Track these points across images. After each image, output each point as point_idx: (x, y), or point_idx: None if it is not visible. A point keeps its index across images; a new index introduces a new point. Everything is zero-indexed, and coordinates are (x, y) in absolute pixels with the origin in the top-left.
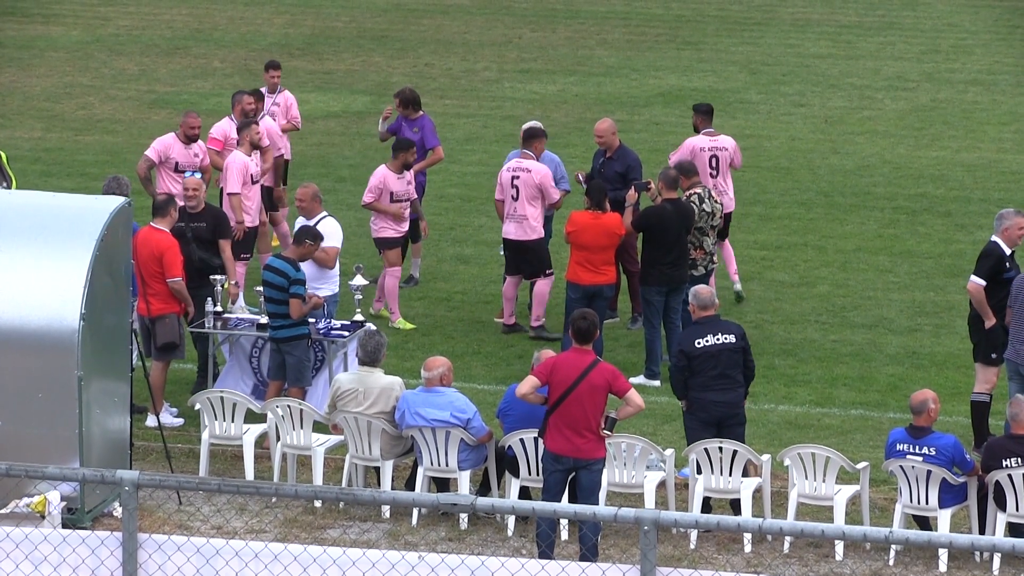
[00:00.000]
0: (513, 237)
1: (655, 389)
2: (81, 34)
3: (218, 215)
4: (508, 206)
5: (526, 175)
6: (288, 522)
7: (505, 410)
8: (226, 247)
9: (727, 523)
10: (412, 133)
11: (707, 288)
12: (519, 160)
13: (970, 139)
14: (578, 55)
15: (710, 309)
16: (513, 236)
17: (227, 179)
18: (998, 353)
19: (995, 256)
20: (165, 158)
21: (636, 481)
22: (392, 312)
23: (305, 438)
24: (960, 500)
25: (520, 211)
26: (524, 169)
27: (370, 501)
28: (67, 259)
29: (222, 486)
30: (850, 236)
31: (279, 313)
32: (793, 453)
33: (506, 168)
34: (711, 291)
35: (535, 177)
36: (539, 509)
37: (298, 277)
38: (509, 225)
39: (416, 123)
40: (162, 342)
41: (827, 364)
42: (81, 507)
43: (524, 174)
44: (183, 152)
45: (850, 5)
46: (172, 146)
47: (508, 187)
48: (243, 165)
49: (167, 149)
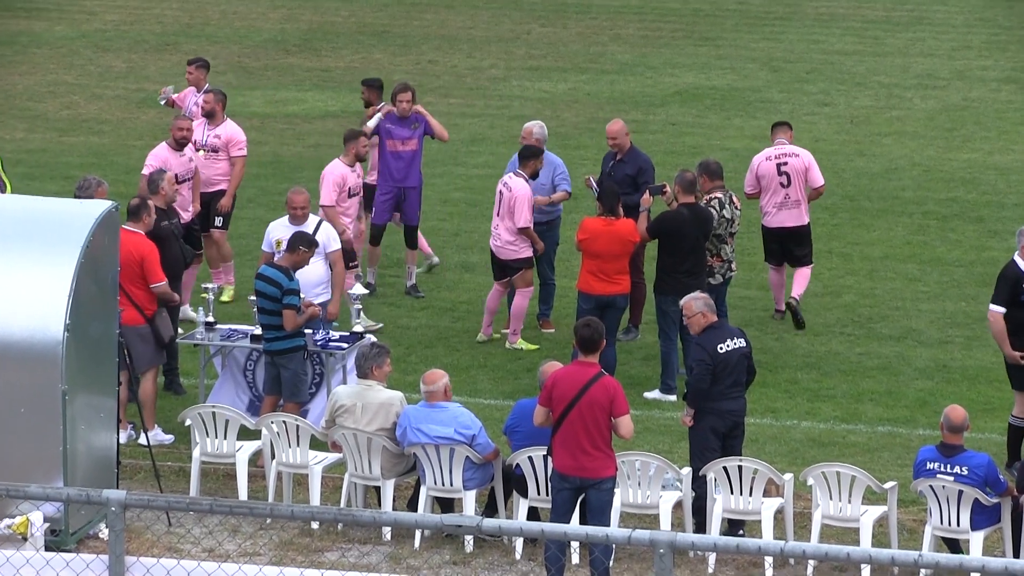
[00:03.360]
0: (494, 252)
1: (671, 404)
2: (66, 29)
3: (176, 209)
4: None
5: (507, 193)
6: (284, 545)
7: (513, 426)
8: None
9: (747, 546)
10: (411, 130)
11: (702, 293)
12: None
13: (1004, 140)
14: (590, 52)
15: (715, 314)
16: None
17: (320, 190)
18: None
19: (1012, 279)
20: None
21: (651, 501)
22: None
23: (302, 456)
24: (993, 521)
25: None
26: (507, 186)
27: (370, 522)
28: (51, 266)
29: (214, 506)
30: (877, 243)
31: (272, 324)
32: (817, 472)
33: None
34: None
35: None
36: (548, 531)
37: (291, 287)
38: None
39: (413, 118)
40: (168, 336)
41: (853, 378)
42: (65, 528)
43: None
44: (179, 162)
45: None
46: (167, 159)
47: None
48: (340, 176)
49: (163, 163)
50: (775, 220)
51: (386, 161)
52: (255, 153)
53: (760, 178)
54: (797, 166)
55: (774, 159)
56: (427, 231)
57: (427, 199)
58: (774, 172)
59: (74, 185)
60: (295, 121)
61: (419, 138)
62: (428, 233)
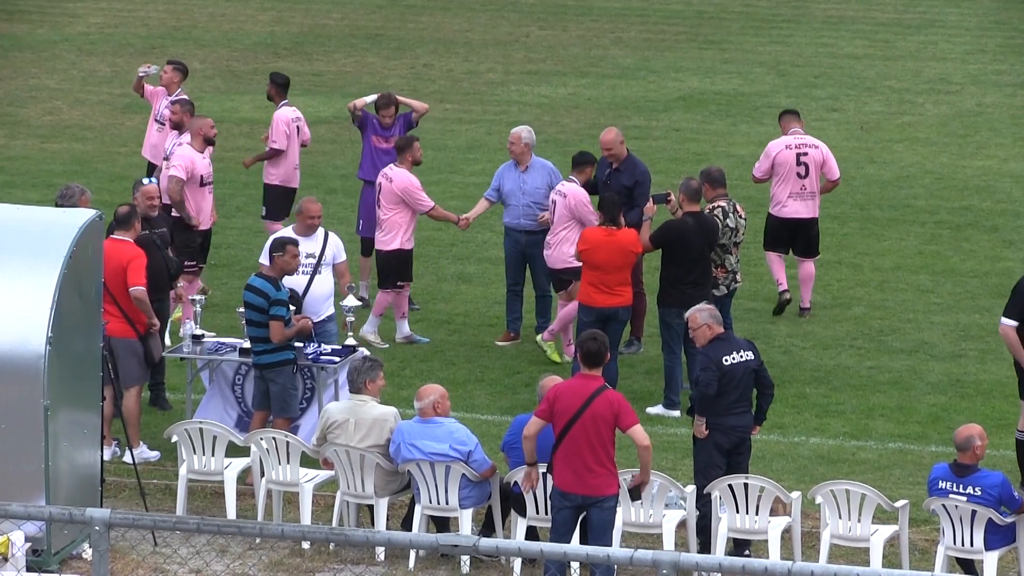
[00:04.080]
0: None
1: (674, 420)
2: (48, 32)
3: (168, 217)
4: (553, 231)
5: (563, 200)
6: (274, 565)
7: (511, 443)
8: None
9: (753, 566)
10: (390, 135)
11: (708, 305)
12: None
13: (1019, 147)
14: (591, 55)
15: (722, 325)
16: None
17: (421, 197)
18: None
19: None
20: (191, 174)
21: (654, 520)
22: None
23: (292, 473)
24: (1008, 541)
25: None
26: (561, 193)
27: (363, 542)
28: (33, 277)
29: (201, 526)
30: (888, 253)
31: (260, 337)
32: (826, 490)
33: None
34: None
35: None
36: (548, 551)
37: (279, 297)
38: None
39: (396, 126)
40: (158, 356)
41: (863, 393)
42: (47, 548)
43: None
44: (204, 164)
45: (888, 1)
46: (196, 160)
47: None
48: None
49: (193, 164)
50: (789, 210)
51: (370, 156)
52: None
53: (777, 166)
54: (816, 157)
55: (794, 148)
56: (422, 241)
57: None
58: (793, 162)
59: (55, 194)
60: None
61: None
62: (423, 243)
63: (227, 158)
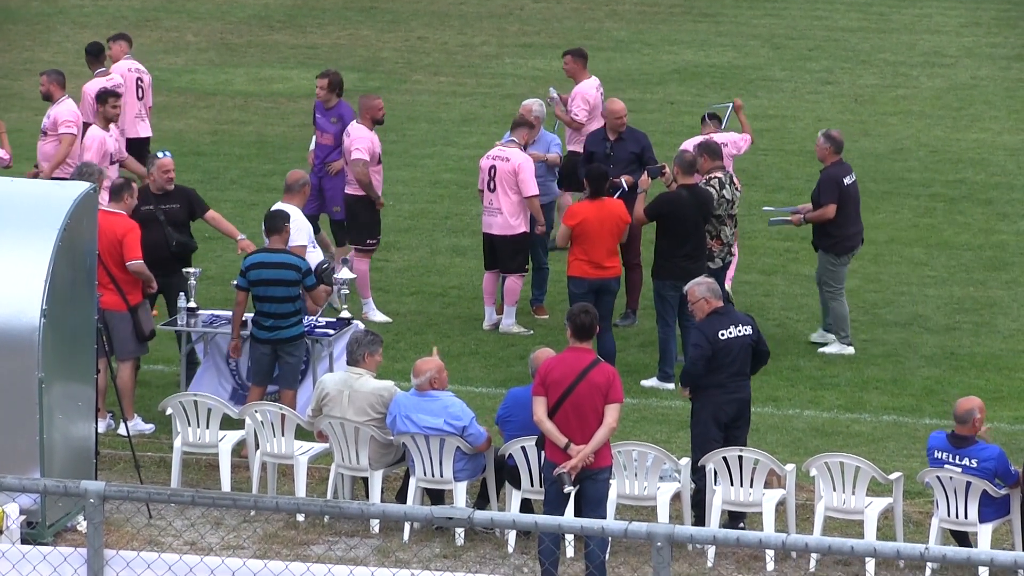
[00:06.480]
0: (488, 231)
1: (668, 393)
2: (42, 5)
3: (190, 194)
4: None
5: (504, 164)
6: (268, 537)
7: (505, 416)
8: (216, 216)
9: (747, 539)
10: (330, 124)
11: (707, 278)
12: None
13: (1013, 120)
14: (585, 28)
15: (721, 299)
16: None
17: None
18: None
19: None
20: (372, 155)
21: (648, 493)
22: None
23: (287, 446)
24: (1003, 514)
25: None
26: (502, 158)
27: (358, 515)
28: (27, 250)
29: (196, 498)
30: (882, 226)
31: (283, 312)
32: (820, 463)
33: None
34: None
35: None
36: (542, 524)
37: (308, 267)
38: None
39: (334, 111)
40: (149, 329)
41: (857, 366)
42: (42, 521)
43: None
44: (377, 143)
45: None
46: (375, 140)
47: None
48: (370, 140)
49: (373, 145)
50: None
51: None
52: (238, 133)
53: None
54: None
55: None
56: (416, 213)
57: (416, 181)
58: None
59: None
60: (279, 100)
61: (335, 135)
62: (417, 216)
63: (221, 131)
